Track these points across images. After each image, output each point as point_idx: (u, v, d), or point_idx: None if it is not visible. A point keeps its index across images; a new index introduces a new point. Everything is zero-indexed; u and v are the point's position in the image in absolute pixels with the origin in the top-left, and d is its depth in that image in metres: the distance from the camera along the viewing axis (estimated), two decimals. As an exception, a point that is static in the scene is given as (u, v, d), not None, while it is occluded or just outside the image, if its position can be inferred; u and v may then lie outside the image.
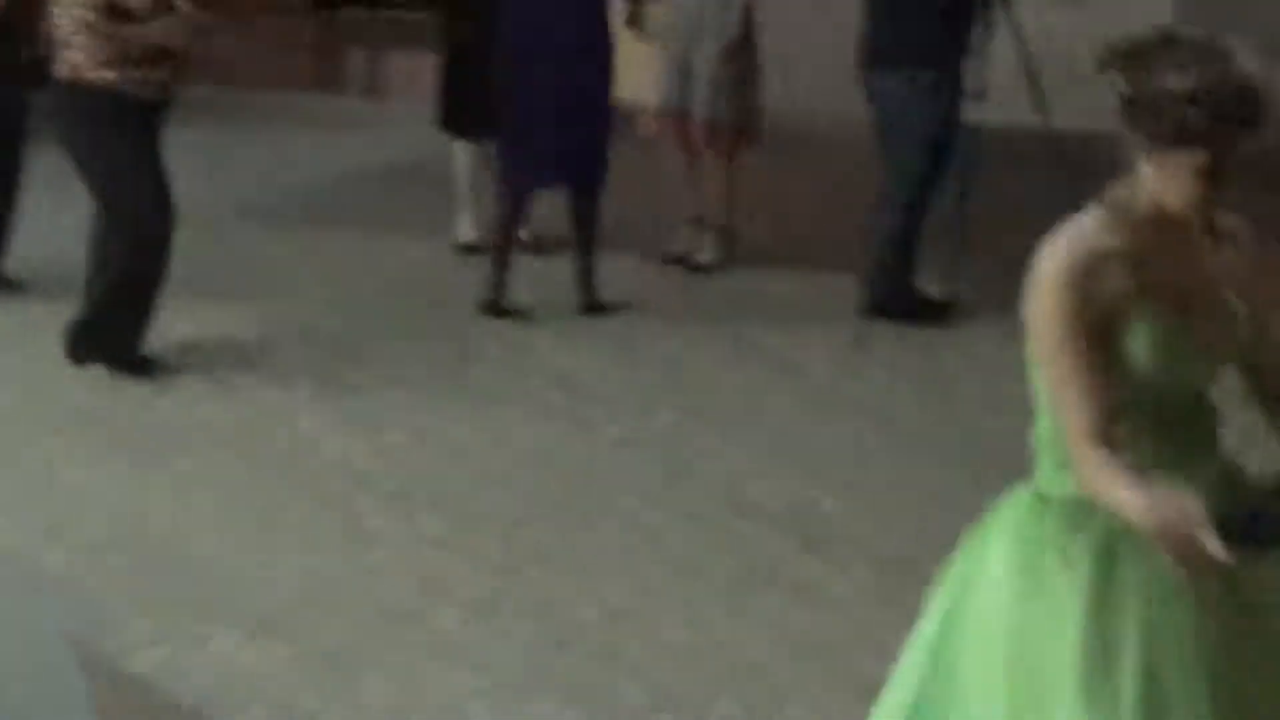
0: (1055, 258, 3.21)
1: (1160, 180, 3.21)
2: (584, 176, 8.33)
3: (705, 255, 9.10)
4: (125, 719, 4.98)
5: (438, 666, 5.21)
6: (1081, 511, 3.27)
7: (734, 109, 8.87)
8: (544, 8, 8.15)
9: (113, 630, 5.37)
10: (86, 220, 7.49)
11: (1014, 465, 3.45)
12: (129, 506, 6.25)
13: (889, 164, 8.33)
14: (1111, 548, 3.25)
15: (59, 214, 8.47)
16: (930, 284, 8.34)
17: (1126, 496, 3.12)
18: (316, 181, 11.12)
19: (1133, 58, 3.22)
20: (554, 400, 7.41)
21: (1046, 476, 3.35)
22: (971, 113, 8.08)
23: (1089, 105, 3.48)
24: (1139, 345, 3.22)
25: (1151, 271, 3.23)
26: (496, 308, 8.31)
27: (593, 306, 8.39)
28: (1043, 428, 3.35)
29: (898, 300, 8.16)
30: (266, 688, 5.03)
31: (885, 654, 3.60)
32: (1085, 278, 3.19)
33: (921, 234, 8.27)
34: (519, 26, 8.19)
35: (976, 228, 8.14)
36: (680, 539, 6.10)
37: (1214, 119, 3.12)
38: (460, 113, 9.08)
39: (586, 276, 8.39)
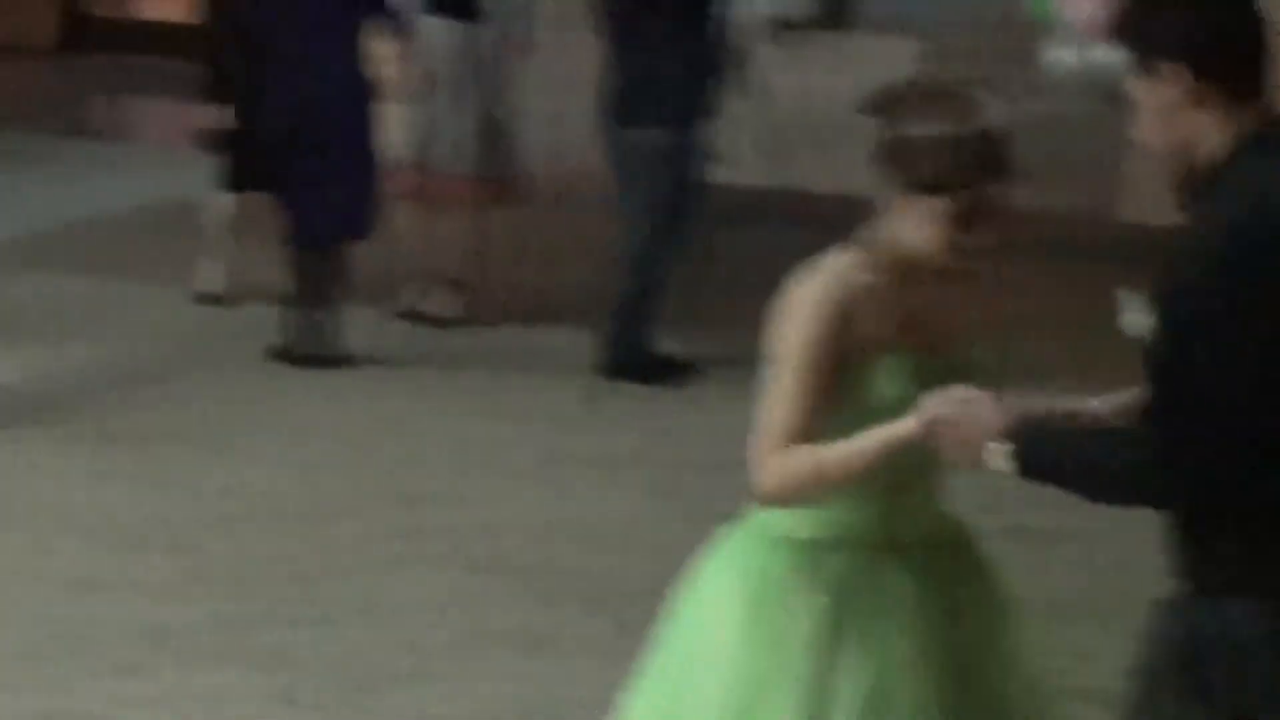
0: (811, 290, 3.28)
1: (910, 224, 3.29)
2: (359, 227, 8.37)
3: (444, 308, 9.07)
4: None
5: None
6: (814, 555, 3.35)
7: (488, 163, 8.87)
8: (304, 62, 8.11)
9: None
10: None
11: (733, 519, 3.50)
12: None
13: (626, 221, 8.38)
14: (843, 591, 3.34)
15: None
16: (668, 344, 8.38)
17: (883, 434, 3.20)
18: (52, 226, 10.86)
19: (887, 106, 3.33)
20: (287, 450, 7.36)
21: (777, 520, 3.38)
22: (711, 173, 8.15)
23: (835, 167, 3.58)
24: (884, 380, 3.29)
25: (901, 310, 3.31)
26: (314, 357, 8.32)
27: (339, 359, 8.34)
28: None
29: (632, 358, 8.20)
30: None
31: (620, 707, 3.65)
32: (838, 313, 3.25)
33: (659, 293, 8.30)
34: (282, 82, 8.16)
35: (718, 288, 8.18)
36: (413, 594, 6.08)
37: (958, 167, 3.23)
38: (239, 167, 8.87)
39: (335, 328, 8.35)
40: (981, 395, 3.12)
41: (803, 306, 3.27)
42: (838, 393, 3.25)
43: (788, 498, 3.31)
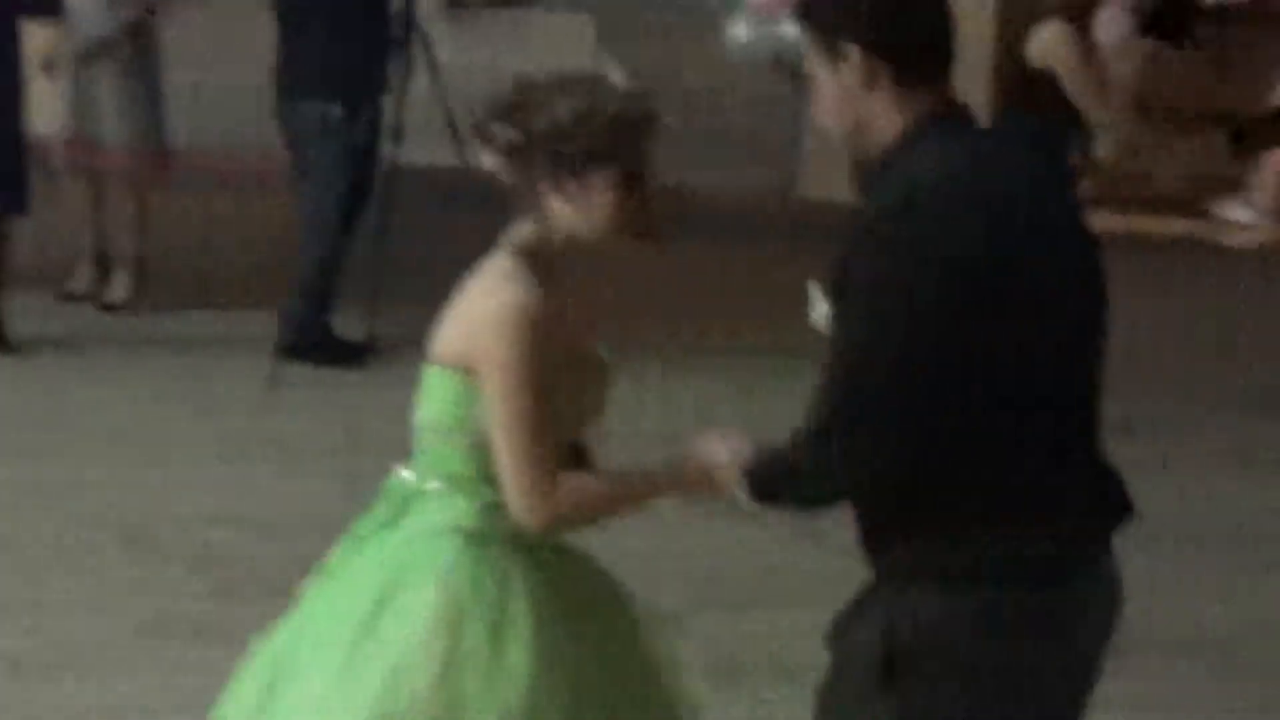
0: (516, 316, 3.25)
1: (576, 210, 3.30)
2: (18, 204, 8.26)
3: (115, 293, 8.89)
4: None
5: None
6: (521, 544, 3.36)
7: (143, 136, 8.71)
8: None
9: None
10: None
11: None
12: None
13: (303, 199, 8.33)
14: (554, 582, 3.40)
15: None
16: (348, 325, 8.32)
17: (652, 484, 3.42)
18: None
19: (515, 107, 3.30)
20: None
21: (481, 509, 3.35)
22: (390, 151, 8.12)
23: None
24: (570, 391, 3.34)
25: (566, 321, 3.33)
26: None
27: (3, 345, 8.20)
28: (456, 462, 3.38)
29: (312, 340, 8.13)
30: None
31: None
32: (538, 328, 3.24)
33: (337, 273, 8.27)
34: None
35: (399, 267, 8.14)
36: (81, 584, 6.00)
37: (613, 130, 3.26)
38: None
39: None
40: (723, 442, 3.20)
41: (512, 325, 3.24)
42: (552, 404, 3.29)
43: (569, 527, 3.38)
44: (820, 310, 3.06)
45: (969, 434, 2.96)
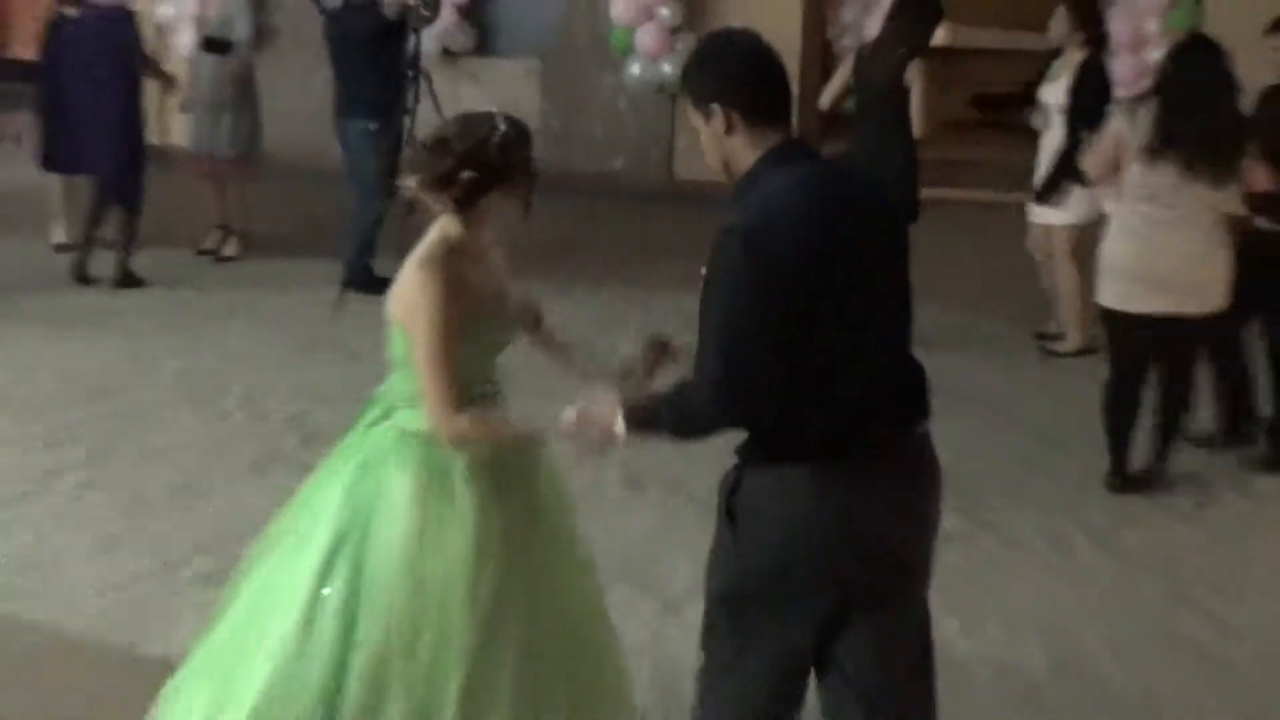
0: (431, 279, 3.09)
1: (482, 218, 3.16)
2: (132, 204, 8.21)
3: (229, 250, 8.92)
4: None
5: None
6: (460, 448, 3.14)
7: (245, 149, 8.71)
8: (93, 94, 8.01)
9: None
10: None
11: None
12: None
13: (353, 187, 8.32)
14: (495, 469, 3.17)
15: None
16: (383, 267, 8.29)
17: (500, 429, 3.16)
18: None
19: (460, 156, 3.10)
20: (117, 341, 7.23)
21: (415, 421, 3.19)
22: (408, 151, 8.13)
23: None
24: (478, 335, 3.16)
25: (476, 282, 3.16)
26: (84, 277, 8.13)
27: (127, 279, 8.17)
28: (402, 386, 3.22)
29: (362, 277, 8.11)
30: None
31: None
32: (452, 294, 3.08)
33: (375, 233, 8.23)
34: (71, 93, 8.08)
35: (416, 229, 8.15)
36: (207, 439, 5.99)
37: (506, 154, 3.10)
38: (49, 157, 8.58)
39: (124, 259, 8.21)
40: (597, 399, 2.96)
41: (428, 294, 3.08)
42: (458, 346, 3.10)
43: (467, 444, 3.15)
44: None
45: (794, 375, 2.79)
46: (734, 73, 2.93)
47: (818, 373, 2.81)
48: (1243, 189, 5.42)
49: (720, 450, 2.94)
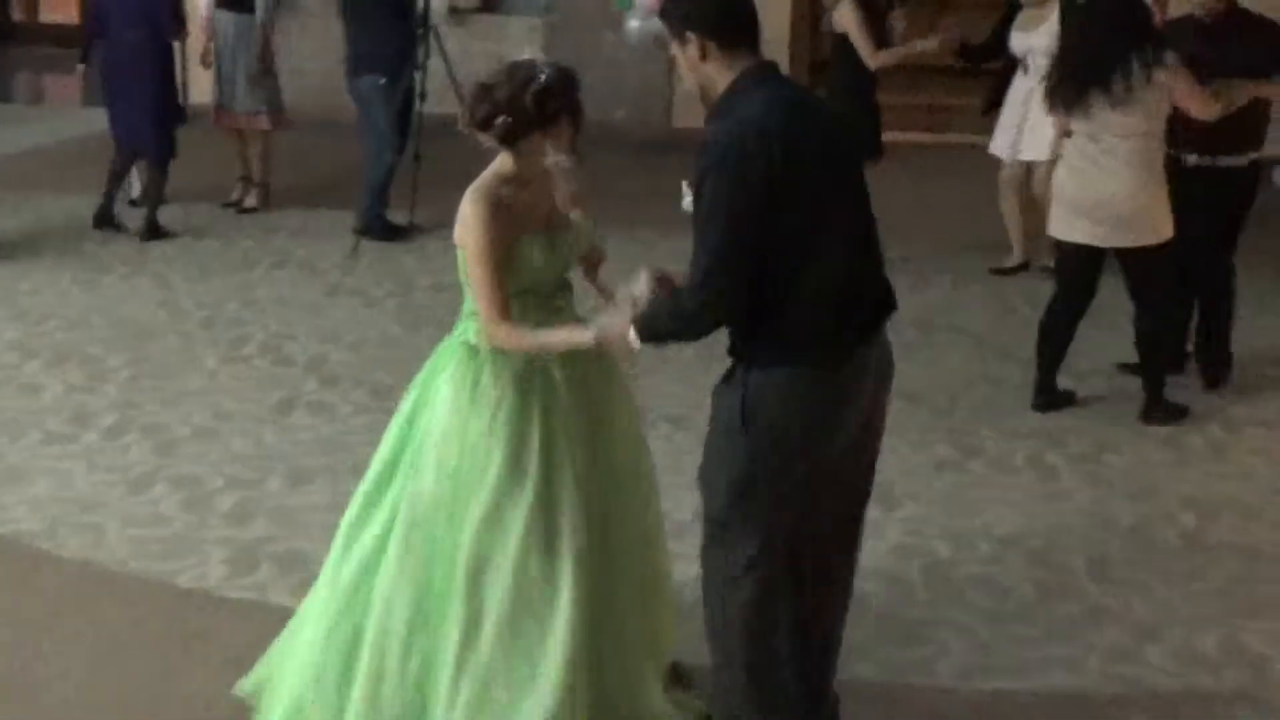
0: (473, 215, 3.16)
1: (531, 155, 3.19)
2: (163, 157, 8.16)
3: (251, 201, 8.83)
4: None
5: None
6: (500, 357, 3.21)
7: (263, 101, 8.59)
8: (124, 49, 7.95)
9: None
10: None
11: (445, 325, 3.44)
12: None
13: (366, 140, 8.20)
14: (522, 382, 3.22)
15: None
16: (397, 214, 8.23)
17: (562, 336, 3.18)
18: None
19: (497, 103, 3.17)
20: (147, 289, 7.13)
21: (472, 333, 3.26)
22: (418, 105, 8.04)
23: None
24: (528, 253, 3.21)
25: (525, 208, 3.21)
26: (105, 223, 8.10)
27: (154, 231, 8.08)
28: (469, 304, 3.28)
29: (377, 225, 8.06)
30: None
31: (373, 444, 3.45)
32: (494, 218, 3.15)
33: (389, 183, 8.12)
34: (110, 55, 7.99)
35: (427, 178, 8.11)
36: (232, 382, 5.92)
37: (561, 95, 3.16)
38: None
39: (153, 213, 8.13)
40: (618, 314, 3.07)
41: (473, 218, 3.16)
42: (509, 266, 3.18)
43: (514, 349, 3.20)
44: (686, 200, 3.07)
45: (781, 279, 2.96)
46: (705, 2, 3.06)
47: (791, 271, 2.96)
48: (1165, 105, 5.28)
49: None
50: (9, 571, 4.25)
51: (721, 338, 3.13)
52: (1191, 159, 5.67)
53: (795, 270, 2.97)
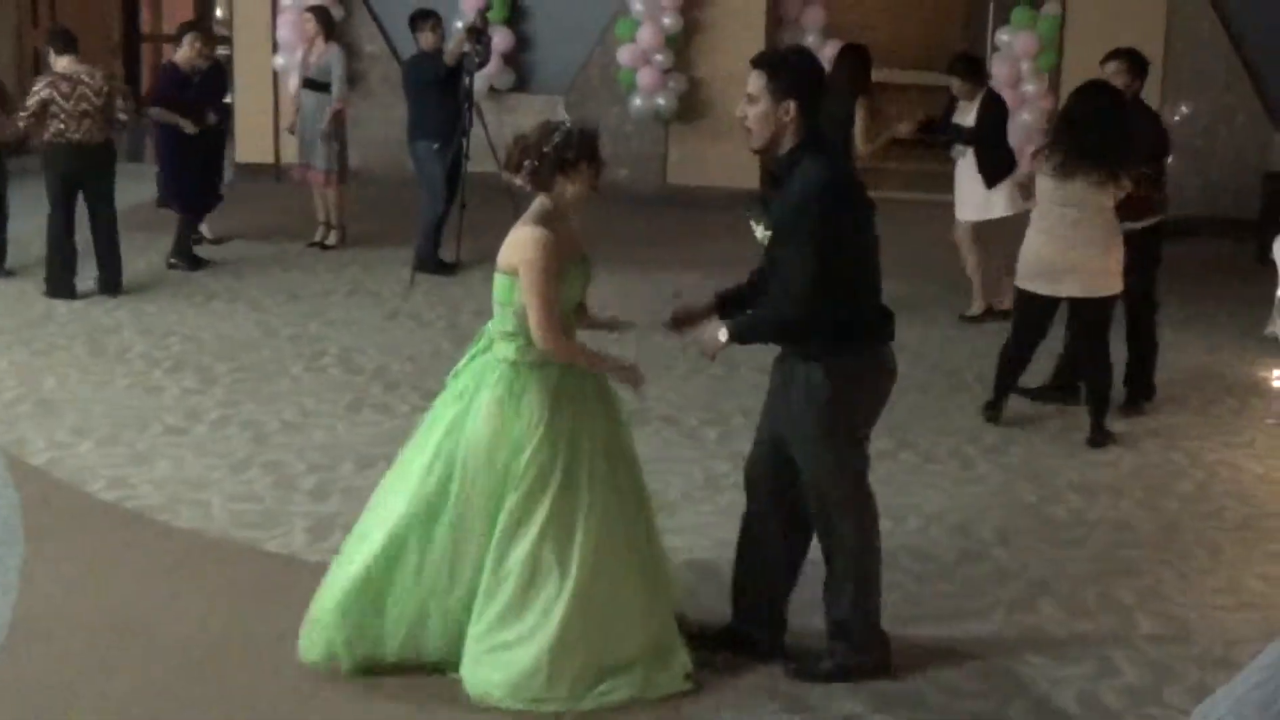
0: (535, 241, 3.11)
1: (562, 194, 3.18)
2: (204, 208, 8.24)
3: (330, 240, 8.84)
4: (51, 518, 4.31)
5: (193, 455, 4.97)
6: (538, 371, 3.17)
7: (334, 161, 8.61)
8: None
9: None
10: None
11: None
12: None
13: (421, 193, 8.19)
14: (557, 392, 3.18)
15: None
16: (447, 252, 8.21)
17: (599, 358, 3.24)
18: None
19: (525, 150, 3.18)
20: (244, 312, 7.07)
21: (512, 352, 3.18)
22: (464, 166, 8.04)
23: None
24: (572, 278, 3.21)
25: (565, 240, 3.20)
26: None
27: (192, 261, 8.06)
28: (504, 324, 3.19)
29: (430, 262, 8.04)
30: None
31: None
32: (551, 251, 3.11)
33: (440, 227, 8.11)
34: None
35: (470, 224, 8.10)
36: (313, 386, 5.91)
37: (578, 143, 3.16)
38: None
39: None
40: (708, 324, 3.17)
41: (534, 252, 3.10)
42: (560, 287, 3.16)
43: (562, 359, 3.18)
44: (760, 233, 3.12)
45: (851, 297, 3.08)
46: (810, 79, 3.08)
47: (855, 289, 3.09)
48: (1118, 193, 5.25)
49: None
50: (136, 537, 4.24)
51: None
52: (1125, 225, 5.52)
53: (859, 284, 3.10)
